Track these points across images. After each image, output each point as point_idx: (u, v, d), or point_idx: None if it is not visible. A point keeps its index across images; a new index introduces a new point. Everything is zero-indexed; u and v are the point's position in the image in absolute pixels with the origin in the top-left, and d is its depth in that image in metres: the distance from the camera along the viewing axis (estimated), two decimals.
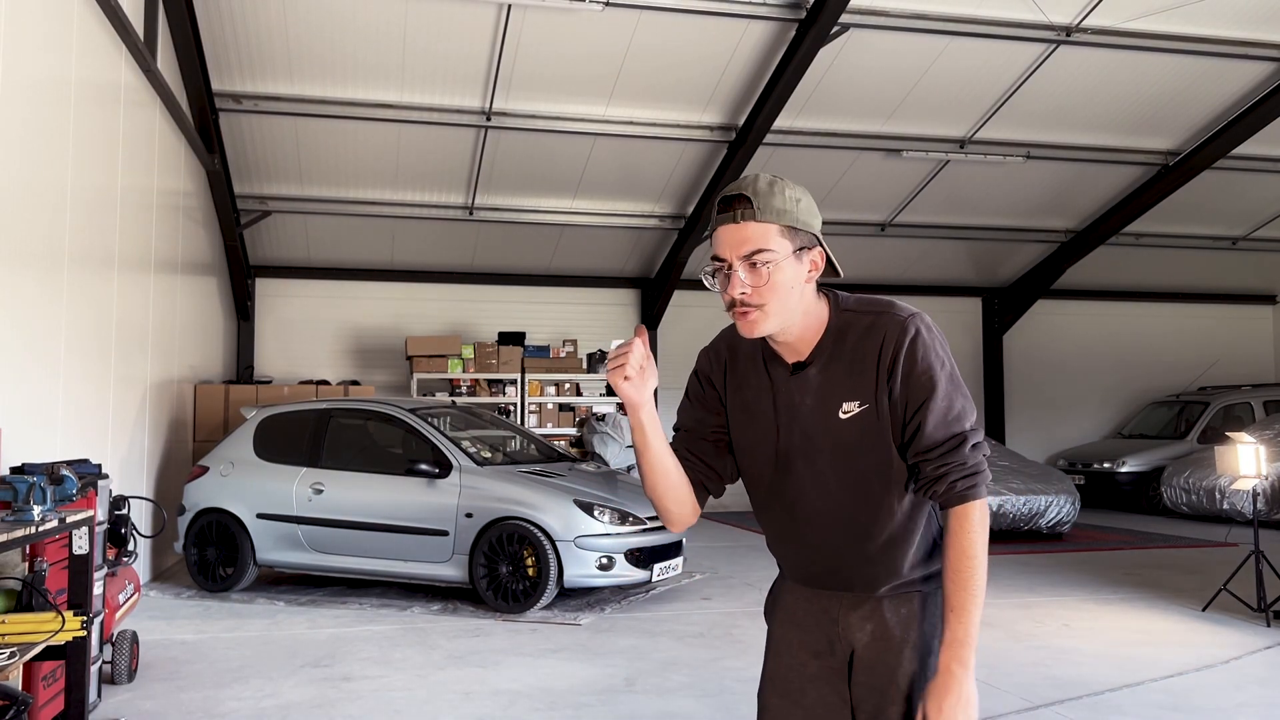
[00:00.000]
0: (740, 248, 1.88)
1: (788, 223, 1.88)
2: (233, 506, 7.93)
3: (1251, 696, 5.08)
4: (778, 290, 1.89)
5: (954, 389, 1.92)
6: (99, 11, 6.35)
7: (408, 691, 5.17)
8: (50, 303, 5.61)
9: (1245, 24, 9.85)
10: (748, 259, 1.88)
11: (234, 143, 10.69)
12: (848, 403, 1.95)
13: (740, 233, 1.88)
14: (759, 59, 9.95)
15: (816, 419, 1.99)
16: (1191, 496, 12.80)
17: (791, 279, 1.90)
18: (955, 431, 1.91)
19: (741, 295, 1.89)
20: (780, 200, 1.89)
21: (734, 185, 1.92)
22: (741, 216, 1.88)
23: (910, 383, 1.91)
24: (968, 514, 1.90)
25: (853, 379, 1.95)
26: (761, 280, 1.88)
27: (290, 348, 13.45)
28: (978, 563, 1.88)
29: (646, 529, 7.37)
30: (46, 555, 3.97)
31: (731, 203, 1.90)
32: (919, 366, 1.90)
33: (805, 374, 1.99)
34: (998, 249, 14.74)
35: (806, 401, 2.00)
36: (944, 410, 1.90)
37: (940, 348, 1.93)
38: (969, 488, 1.90)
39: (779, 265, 1.88)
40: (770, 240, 1.87)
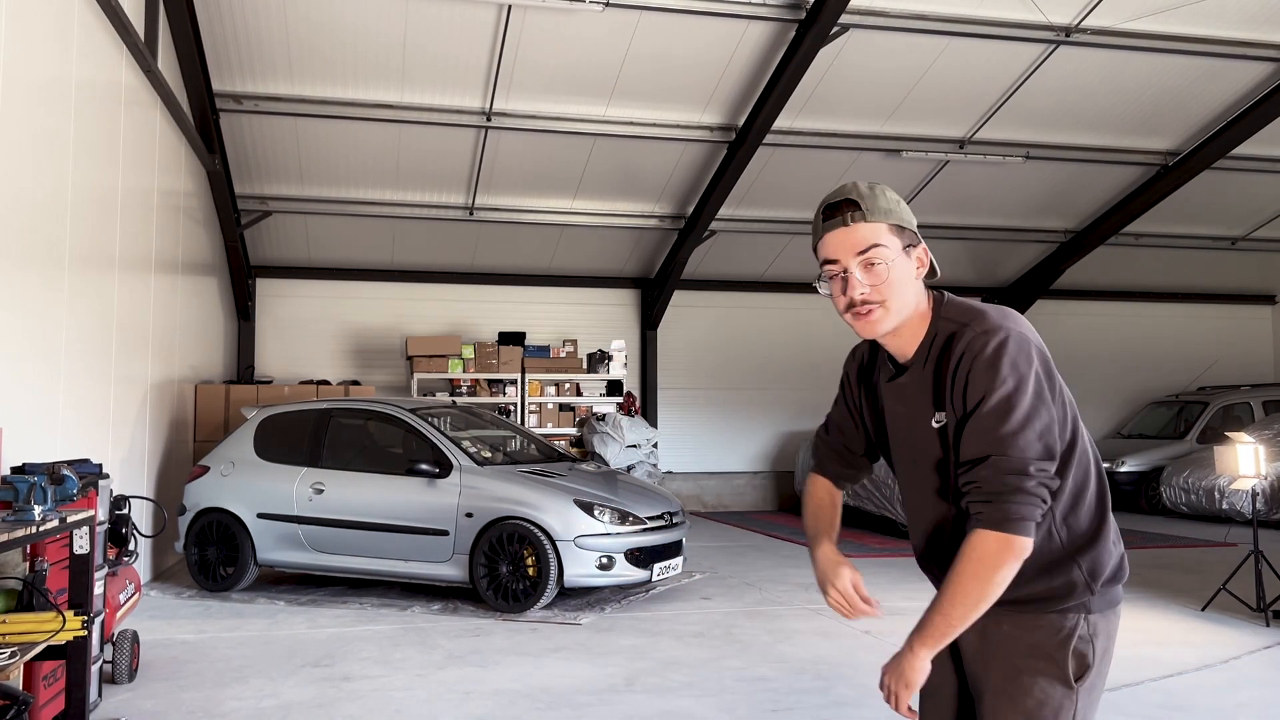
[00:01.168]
0: (855, 248, 1.94)
1: (895, 221, 1.95)
2: (233, 506, 7.94)
3: (1251, 696, 5.08)
4: (895, 286, 1.95)
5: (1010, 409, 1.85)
6: (99, 12, 6.35)
7: (408, 691, 5.18)
8: (51, 303, 5.62)
9: (1245, 24, 9.86)
10: (863, 257, 1.94)
11: (234, 143, 10.69)
12: (938, 413, 1.98)
13: (853, 235, 1.94)
14: (759, 59, 9.96)
15: (911, 427, 2.04)
16: (1191, 496, 12.81)
17: (904, 275, 1.97)
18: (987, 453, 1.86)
19: (862, 295, 1.95)
20: (884, 200, 1.96)
21: (835, 193, 1.99)
22: (852, 219, 1.94)
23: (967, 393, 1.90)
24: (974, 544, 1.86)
25: (938, 389, 1.97)
26: (880, 278, 1.94)
27: (290, 348, 13.45)
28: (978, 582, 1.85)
29: (646, 529, 7.38)
30: (47, 555, 3.98)
31: (839, 208, 1.96)
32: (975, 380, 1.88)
33: (900, 382, 2.05)
34: (998, 249, 14.74)
35: (900, 409, 2.06)
36: (987, 427, 1.86)
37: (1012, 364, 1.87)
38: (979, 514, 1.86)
39: (893, 262, 1.94)
40: (882, 237, 1.94)
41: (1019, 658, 1.97)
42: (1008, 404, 1.85)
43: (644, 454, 12.62)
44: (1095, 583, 1.98)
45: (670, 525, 7.62)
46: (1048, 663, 1.95)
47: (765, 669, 5.60)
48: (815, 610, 7.15)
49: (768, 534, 11.69)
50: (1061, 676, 1.94)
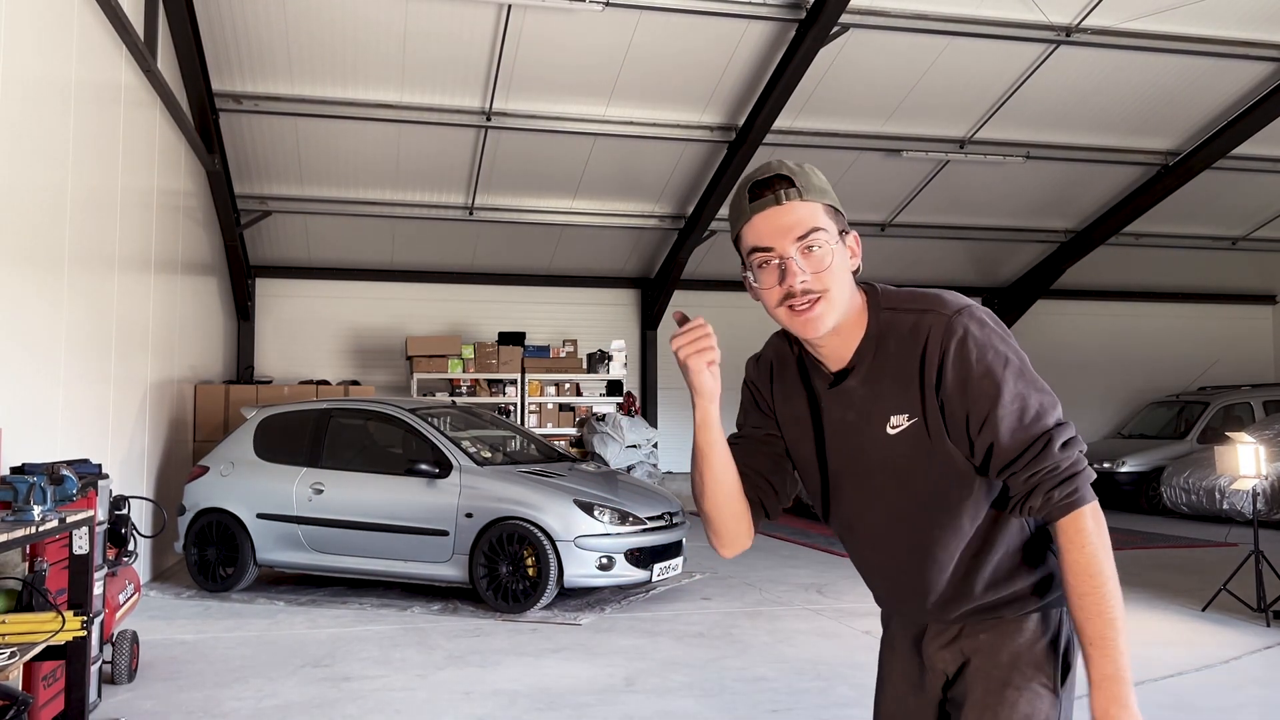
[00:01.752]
0: (792, 231, 1.66)
1: (830, 202, 1.71)
2: (233, 506, 7.93)
3: (1251, 696, 5.08)
4: (836, 274, 1.68)
5: (1024, 385, 1.66)
6: (99, 11, 6.35)
7: (408, 691, 5.17)
8: (50, 303, 5.61)
9: (1245, 24, 9.86)
10: (803, 241, 1.66)
11: (234, 143, 10.69)
12: (895, 416, 1.74)
13: (787, 215, 1.66)
14: (759, 59, 9.95)
15: (862, 436, 1.78)
16: (1191, 496, 12.80)
17: (843, 263, 1.70)
18: (1037, 433, 1.65)
19: (804, 284, 1.66)
20: (817, 179, 1.72)
21: (760, 170, 1.72)
22: (786, 197, 1.67)
23: (969, 390, 1.66)
24: (1077, 525, 1.63)
25: (899, 390, 1.73)
26: (822, 264, 1.66)
27: (290, 348, 13.45)
28: (1104, 578, 1.61)
29: (646, 529, 7.37)
30: (47, 555, 3.98)
31: (770, 184, 1.68)
32: (975, 370, 1.66)
33: (846, 386, 1.78)
34: (998, 249, 14.74)
35: (849, 417, 1.79)
36: (1017, 413, 1.65)
37: (1000, 342, 1.68)
38: (1069, 494, 1.64)
39: (833, 248, 1.68)
40: (820, 219, 1.68)
41: (1002, 669, 1.76)
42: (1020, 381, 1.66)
43: (644, 454, 12.61)
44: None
45: (670, 525, 7.61)
46: (1035, 670, 1.77)
47: (765, 669, 5.59)
48: (815, 611, 7.14)
49: (767, 534, 11.69)
50: (1049, 685, 1.76)
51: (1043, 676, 1.76)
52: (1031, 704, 1.74)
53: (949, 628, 1.85)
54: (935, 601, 1.83)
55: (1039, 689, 1.75)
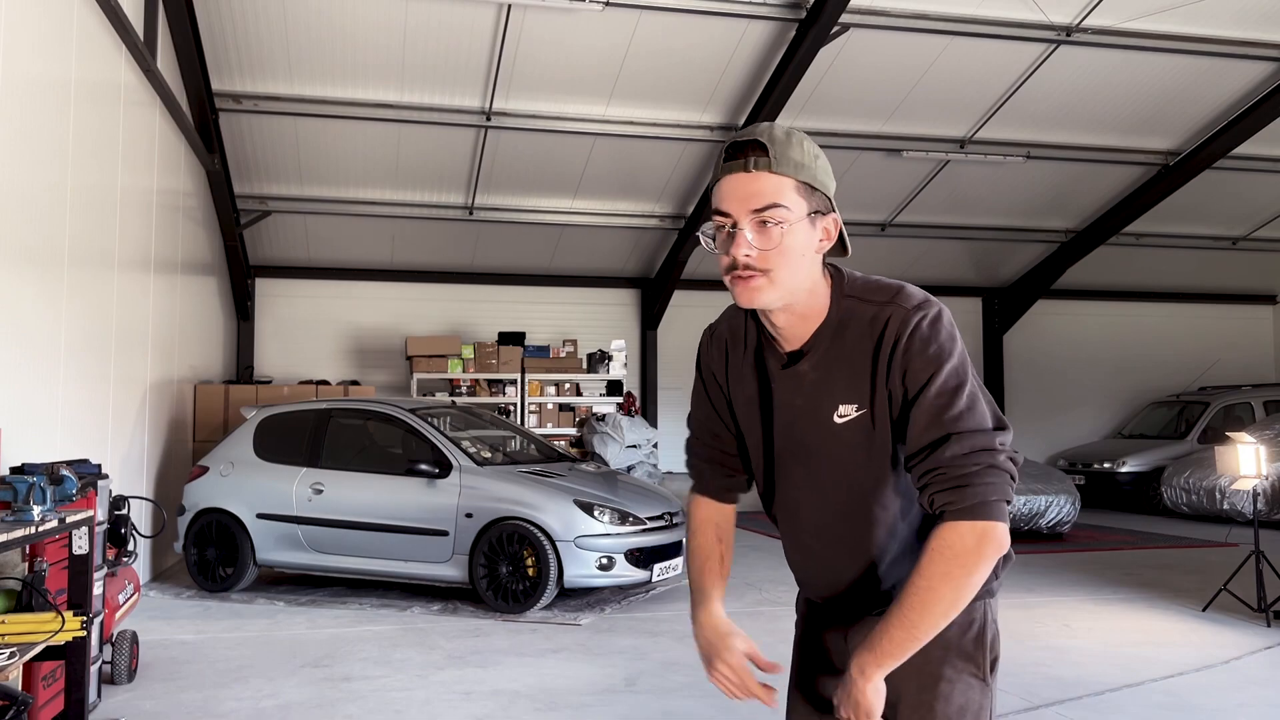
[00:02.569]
0: (750, 201, 1.62)
1: (805, 179, 1.64)
2: (233, 506, 7.93)
3: (1251, 696, 5.08)
4: (788, 256, 1.63)
5: (958, 385, 1.63)
6: (99, 11, 6.35)
7: (408, 691, 5.17)
8: (50, 303, 5.61)
9: (1245, 24, 9.85)
10: (758, 214, 1.61)
11: (234, 143, 10.69)
12: (844, 405, 1.70)
13: (752, 184, 1.62)
14: (759, 59, 9.95)
15: (809, 422, 1.75)
16: (1192, 496, 12.80)
17: (803, 245, 1.64)
18: (947, 431, 1.60)
19: (746, 257, 1.62)
20: (799, 152, 1.65)
21: (745, 130, 1.66)
22: (755, 165, 1.62)
23: (907, 379, 1.64)
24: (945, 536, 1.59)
25: (850, 379, 1.69)
26: (771, 242, 1.61)
27: (290, 348, 13.45)
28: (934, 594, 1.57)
29: (646, 529, 7.37)
30: (46, 555, 3.97)
31: (743, 149, 1.63)
32: (916, 361, 1.63)
33: (798, 369, 1.74)
34: (998, 249, 14.74)
35: (797, 402, 1.76)
36: (939, 408, 1.61)
37: (949, 340, 1.65)
38: (950, 502, 1.59)
39: (792, 227, 1.62)
40: (785, 195, 1.62)
41: (933, 664, 1.73)
42: (956, 380, 1.62)
43: (644, 454, 12.60)
44: (1003, 568, 1.78)
45: (670, 525, 7.61)
46: (966, 662, 1.75)
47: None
48: None
49: (768, 534, 11.69)
50: (980, 674, 1.76)
51: (972, 666, 1.77)
52: (965, 694, 1.75)
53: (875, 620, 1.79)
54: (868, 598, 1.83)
55: (970, 679, 1.76)
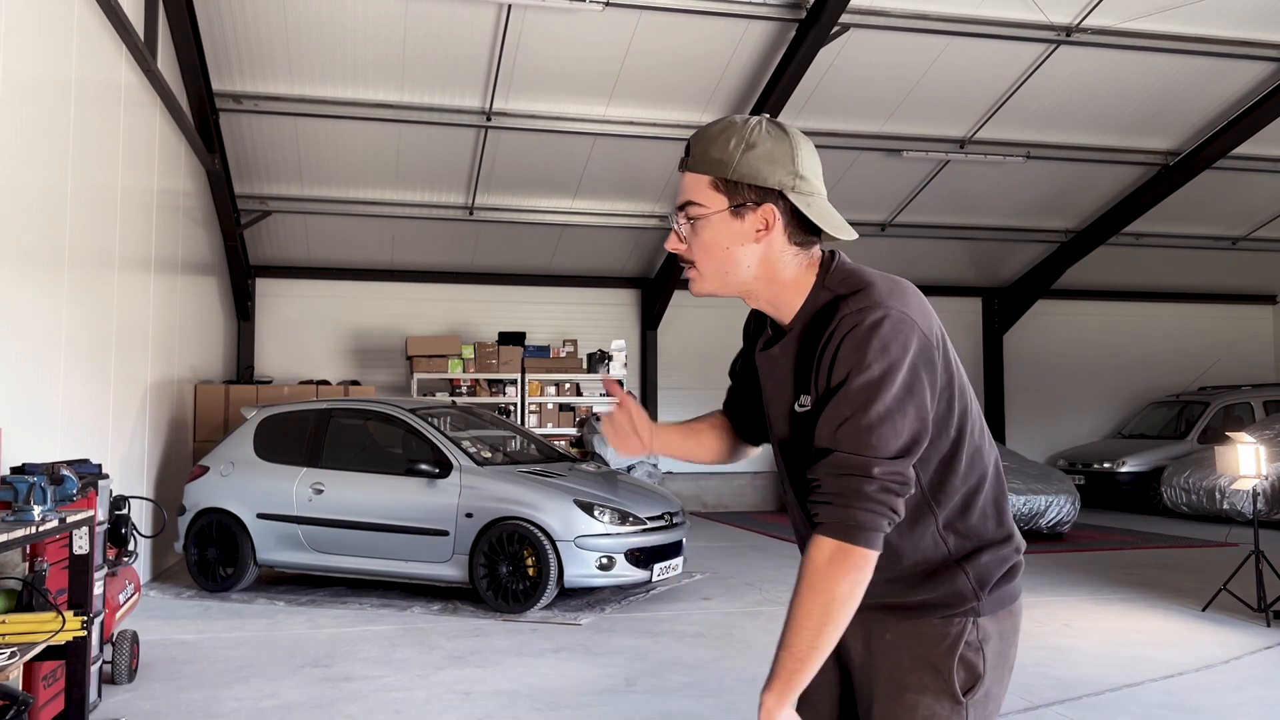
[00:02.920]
0: (677, 199, 1.74)
1: (720, 174, 1.67)
2: (233, 506, 7.93)
3: (1251, 696, 5.08)
4: (707, 250, 1.71)
5: (866, 401, 1.57)
6: (99, 11, 6.35)
7: (408, 691, 5.17)
8: (50, 303, 5.61)
9: (1245, 24, 9.85)
10: (681, 211, 1.73)
11: (234, 143, 10.69)
12: (804, 395, 1.72)
13: (680, 182, 1.74)
14: (759, 59, 9.95)
15: (778, 407, 1.80)
16: (1191, 496, 12.80)
17: (726, 239, 1.69)
18: (832, 447, 1.60)
19: (673, 248, 1.76)
20: (719, 149, 1.67)
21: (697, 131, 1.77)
22: (681, 165, 1.74)
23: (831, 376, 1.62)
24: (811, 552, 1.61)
25: (807, 370, 1.70)
26: (691, 236, 1.73)
27: (290, 348, 13.45)
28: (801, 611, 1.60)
29: (647, 529, 7.37)
30: (47, 555, 3.97)
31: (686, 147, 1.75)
32: (839, 364, 1.60)
33: (771, 352, 1.79)
34: (998, 249, 14.74)
35: (769, 384, 1.82)
36: (836, 417, 1.60)
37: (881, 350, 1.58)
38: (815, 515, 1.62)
39: (707, 222, 1.69)
40: (699, 193, 1.69)
41: (903, 672, 1.74)
42: (867, 393, 1.57)
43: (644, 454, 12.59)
44: (983, 590, 1.75)
45: (670, 525, 7.61)
46: (933, 676, 1.72)
47: (765, 669, 5.57)
48: None
49: (768, 534, 11.69)
50: (948, 691, 1.72)
51: (940, 681, 1.73)
52: (930, 709, 1.72)
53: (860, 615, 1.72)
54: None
55: (938, 695, 1.73)
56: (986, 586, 1.77)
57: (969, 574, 1.76)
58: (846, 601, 1.59)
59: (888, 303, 1.63)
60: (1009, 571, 1.80)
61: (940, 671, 1.73)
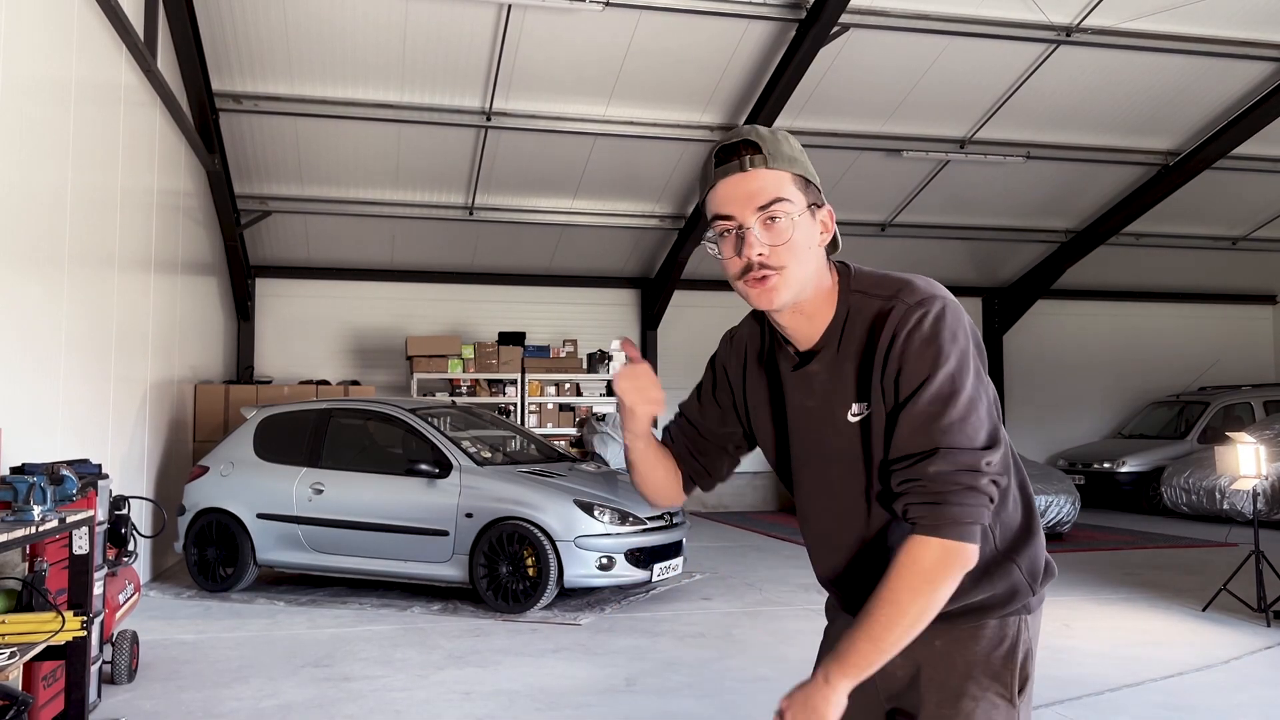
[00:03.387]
0: (753, 200, 1.60)
1: (800, 171, 1.64)
2: (233, 506, 7.93)
3: (1251, 696, 5.08)
4: (796, 250, 1.61)
5: (953, 393, 1.56)
6: (99, 11, 6.35)
7: (408, 691, 5.17)
8: (50, 303, 5.61)
9: (1245, 24, 9.85)
10: (764, 211, 1.60)
11: (234, 143, 10.69)
12: (856, 404, 1.67)
13: (750, 182, 1.61)
14: (759, 59, 9.95)
15: (823, 422, 1.72)
16: (1191, 496, 12.80)
17: (807, 238, 1.63)
18: (935, 445, 1.56)
19: (759, 257, 1.60)
20: (789, 147, 1.64)
21: (730, 135, 1.66)
22: (752, 163, 1.61)
23: (901, 379, 1.59)
24: (914, 552, 1.56)
25: (859, 376, 1.66)
26: (781, 237, 1.60)
27: (290, 348, 13.45)
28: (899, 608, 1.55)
29: (647, 529, 7.37)
30: (47, 555, 3.97)
31: (736, 150, 1.63)
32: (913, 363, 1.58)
33: (809, 370, 1.72)
34: (998, 249, 14.74)
35: (809, 403, 1.73)
36: (930, 416, 1.56)
37: (951, 340, 1.58)
38: (921, 518, 1.56)
39: (797, 220, 1.61)
40: (786, 189, 1.61)
41: (957, 678, 1.69)
42: (952, 386, 1.56)
43: None
44: (1035, 582, 1.75)
45: (670, 525, 7.61)
46: (993, 681, 1.69)
47: (766, 669, 5.59)
48: (816, 611, 7.14)
49: (768, 534, 11.69)
50: (1007, 695, 1.70)
51: (999, 686, 1.70)
52: (988, 714, 1.69)
53: None
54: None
55: (995, 699, 1.70)
56: (1038, 578, 1.76)
57: (1020, 567, 1.74)
58: (943, 601, 1.57)
59: (936, 293, 1.63)
60: (1047, 562, 1.81)
61: (1000, 676, 1.70)
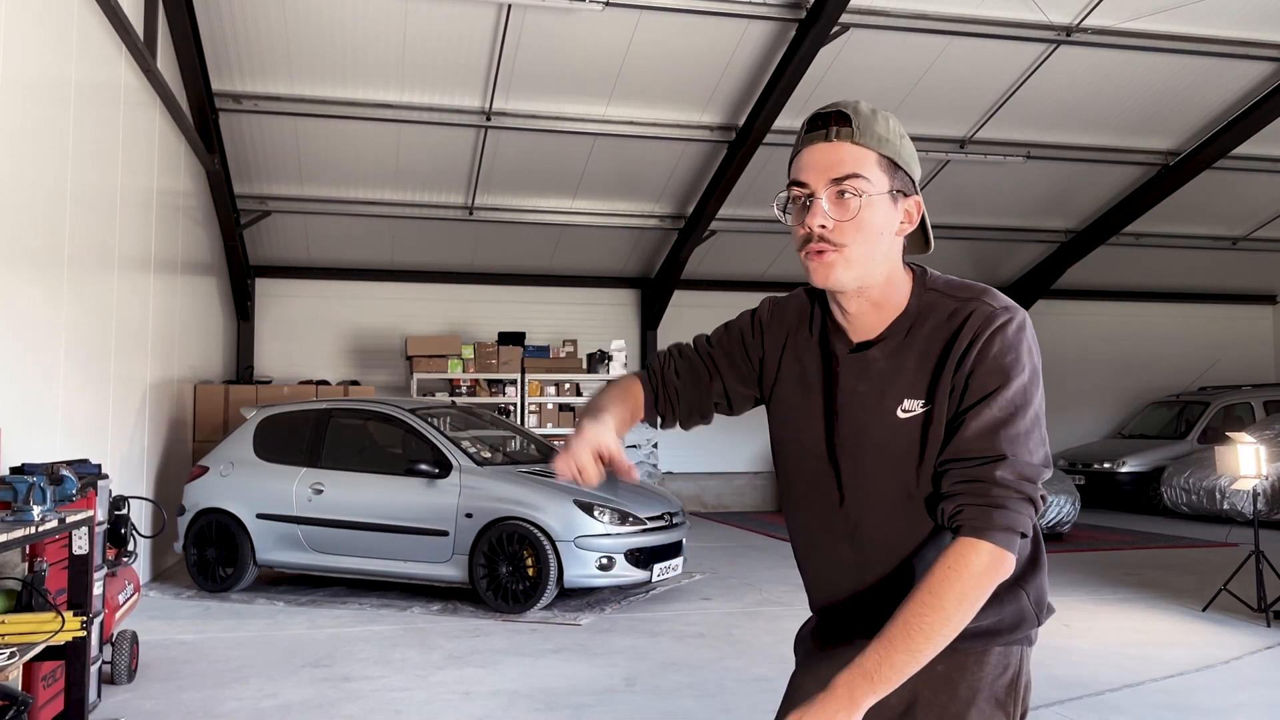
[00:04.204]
0: (830, 171, 1.57)
1: (889, 153, 1.59)
2: (233, 506, 7.93)
3: (1251, 696, 5.08)
4: (864, 230, 1.57)
5: (1024, 405, 1.54)
6: (99, 11, 6.35)
7: (408, 691, 5.17)
8: (50, 303, 5.61)
9: (1245, 24, 9.85)
10: (837, 184, 1.56)
11: (234, 143, 10.68)
12: (910, 400, 1.61)
13: (833, 153, 1.57)
14: (759, 59, 9.95)
15: (871, 412, 1.65)
16: (1192, 497, 12.80)
17: (882, 222, 1.59)
18: (999, 451, 1.52)
19: (821, 228, 1.57)
20: (884, 127, 1.60)
21: (829, 105, 1.63)
22: (838, 135, 1.58)
23: (974, 379, 1.56)
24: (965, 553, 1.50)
25: (920, 372, 1.61)
26: (848, 213, 1.56)
27: (290, 348, 13.45)
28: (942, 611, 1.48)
29: (646, 529, 7.37)
30: (46, 555, 3.97)
31: (827, 119, 1.60)
32: (989, 365, 1.55)
33: (868, 355, 1.66)
34: (998, 249, 14.74)
35: (861, 388, 1.66)
36: (998, 422, 1.53)
37: (1028, 354, 1.58)
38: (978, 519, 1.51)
39: (872, 200, 1.57)
40: (866, 167, 1.57)
41: (959, 705, 1.65)
42: (1024, 398, 1.55)
43: (644, 454, 12.61)
44: (1041, 612, 1.71)
45: (670, 526, 7.61)
46: (996, 709, 1.65)
47: (766, 669, 5.59)
48: None
49: (768, 534, 11.69)
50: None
51: (1002, 715, 1.66)
52: None
53: None
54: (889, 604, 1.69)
55: None
56: (1043, 609, 1.73)
57: (1029, 595, 1.70)
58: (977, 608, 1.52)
59: (1016, 306, 1.62)
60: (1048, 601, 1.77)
61: (1004, 705, 1.67)
